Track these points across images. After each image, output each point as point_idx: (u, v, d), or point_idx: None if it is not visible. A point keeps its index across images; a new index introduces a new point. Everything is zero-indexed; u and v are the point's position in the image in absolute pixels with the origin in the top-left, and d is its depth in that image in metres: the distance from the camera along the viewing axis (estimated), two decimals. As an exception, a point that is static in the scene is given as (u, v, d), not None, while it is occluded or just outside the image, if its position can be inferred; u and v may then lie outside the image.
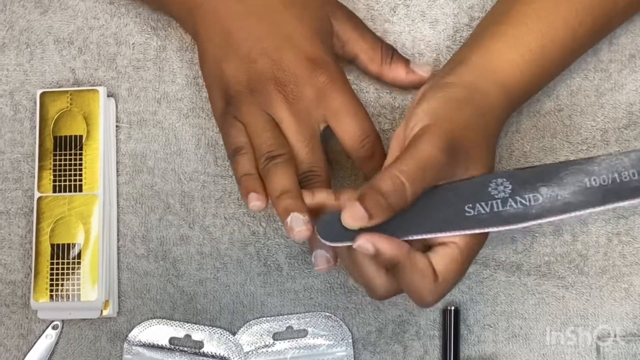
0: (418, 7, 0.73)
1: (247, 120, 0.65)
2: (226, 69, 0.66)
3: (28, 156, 0.73)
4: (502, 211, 0.58)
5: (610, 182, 0.58)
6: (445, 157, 0.58)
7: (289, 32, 0.66)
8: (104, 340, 0.72)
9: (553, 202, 0.58)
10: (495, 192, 0.59)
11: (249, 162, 0.64)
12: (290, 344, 0.71)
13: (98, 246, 0.70)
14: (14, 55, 0.75)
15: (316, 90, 0.65)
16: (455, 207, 0.59)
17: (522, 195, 0.59)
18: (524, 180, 0.59)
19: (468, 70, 0.63)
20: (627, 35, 0.72)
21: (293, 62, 0.65)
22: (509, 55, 0.63)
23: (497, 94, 0.62)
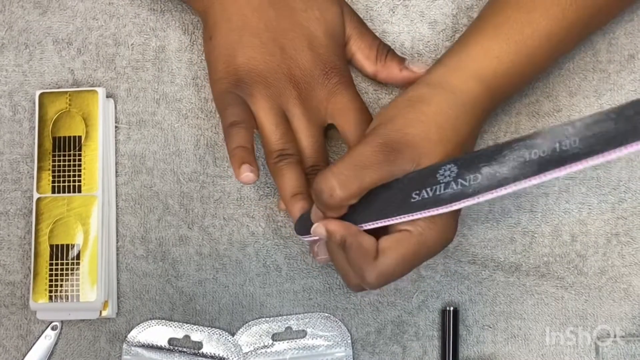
0: (417, 8, 0.73)
1: (260, 111, 0.66)
2: (240, 55, 0.66)
3: (27, 157, 0.73)
4: (442, 193, 0.58)
5: (550, 152, 0.55)
6: (381, 155, 0.60)
7: (309, 33, 0.67)
8: (103, 341, 0.72)
9: (490, 179, 0.57)
10: (442, 178, 0.59)
11: (246, 136, 0.65)
12: (290, 344, 0.71)
13: (97, 247, 0.70)
14: (13, 56, 0.75)
15: (327, 91, 0.67)
16: (403, 195, 0.60)
17: (464, 177, 0.58)
18: (469, 162, 0.58)
19: (441, 67, 0.64)
20: (626, 35, 0.72)
21: (310, 65, 0.67)
22: (486, 45, 0.63)
23: (469, 87, 0.62)
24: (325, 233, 0.61)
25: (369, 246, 0.60)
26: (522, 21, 0.63)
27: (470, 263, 0.71)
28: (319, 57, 0.67)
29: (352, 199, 0.60)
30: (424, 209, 0.59)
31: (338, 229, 0.61)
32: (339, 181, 0.60)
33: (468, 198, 0.57)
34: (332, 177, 0.60)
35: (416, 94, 0.63)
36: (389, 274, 0.61)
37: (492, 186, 0.56)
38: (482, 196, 0.56)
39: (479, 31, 0.64)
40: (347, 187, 0.60)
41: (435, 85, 0.63)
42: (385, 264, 0.60)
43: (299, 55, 0.67)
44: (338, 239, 0.61)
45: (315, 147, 0.67)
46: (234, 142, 0.65)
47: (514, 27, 0.63)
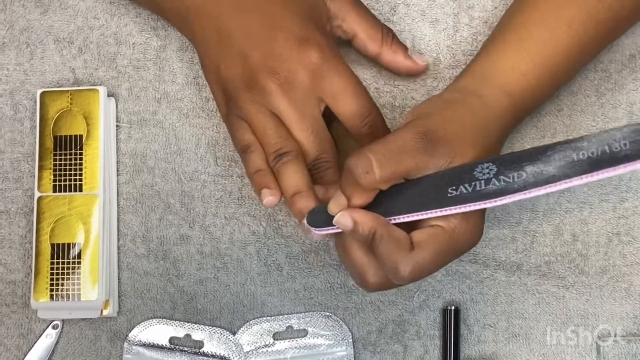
0: (418, 7, 0.73)
1: (250, 119, 0.65)
2: (223, 69, 0.66)
3: (28, 156, 0.73)
4: (483, 189, 0.57)
5: (600, 153, 0.55)
6: (420, 143, 0.59)
7: (278, 20, 0.65)
8: (104, 340, 0.72)
9: (537, 176, 0.56)
10: (480, 175, 0.58)
11: (259, 159, 0.65)
12: (291, 343, 0.71)
13: (98, 246, 0.70)
14: (14, 54, 0.75)
15: (310, 72, 0.65)
16: (438, 189, 0.59)
17: (506, 174, 0.57)
18: (510, 162, 0.58)
19: (468, 77, 0.64)
20: (627, 35, 0.72)
21: (283, 46, 0.65)
22: (511, 60, 0.63)
23: (496, 97, 0.63)
24: (351, 224, 0.59)
25: (403, 238, 0.58)
26: (545, 39, 0.63)
27: (472, 262, 0.71)
28: (291, 37, 0.65)
29: (385, 182, 0.58)
30: (461, 203, 0.58)
31: (366, 219, 0.58)
32: (377, 159, 0.57)
33: (515, 193, 0.56)
34: (370, 154, 0.58)
35: (451, 96, 0.63)
36: (425, 268, 0.59)
37: (540, 182, 0.56)
38: (530, 192, 0.56)
39: (503, 45, 0.64)
40: (384, 167, 0.58)
41: (468, 92, 0.63)
42: (421, 256, 0.58)
43: (270, 43, 0.65)
44: (367, 230, 0.58)
45: (312, 139, 0.65)
46: (250, 168, 0.65)
47: (538, 45, 0.63)
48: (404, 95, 0.73)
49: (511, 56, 0.64)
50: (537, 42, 0.63)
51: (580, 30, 0.64)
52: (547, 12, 0.64)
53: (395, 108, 0.72)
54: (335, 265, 0.72)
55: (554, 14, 0.64)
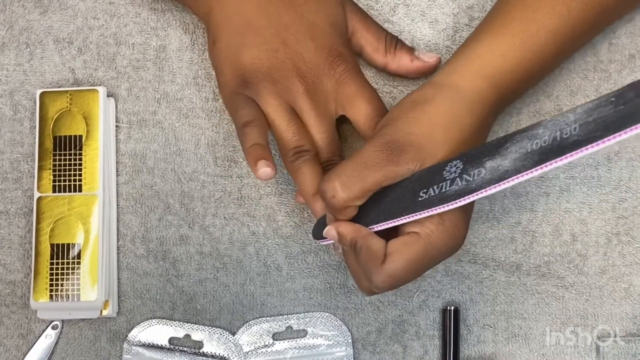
0: (418, 7, 0.73)
1: (270, 110, 0.66)
2: (245, 55, 0.66)
3: (28, 156, 0.73)
4: (447, 190, 0.57)
5: (550, 141, 0.53)
6: (383, 154, 0.60)
7: (310, 24, 0.67)
8: (104, 340, 0.72)
9: (493, 172, 0.55)
10: (448, 174, 0.58)
11: (259, 134, 0.65)
12: (290, 344, 0.71)
13: (98, 246, 0.70)
14: (13, 55, 0.75)
15: (334, 81, 0.67)
16: (411, 194, 0.59)
17: (468, 172, 0.57)
18: (474, 158, 0.57)
19: (448, 67, 0.64)
20: (626, 35, 0.72)
21: (315, 55, 0.66)
22: (492, 44, 0.63)
23: (475, 85, 0.62)
24: (337, 235, 0.62)
25: (378, 249, 0.60)
26: (527, 19, 0.63)
27: (471, 262, 0.71)
28: (322, 47, 0.67)
29: (355, 200, 0.60)
30: (431, 206, 0.58)
31: (348, 231, 0.61)
32: (341, 182, 0.60)
33: (472, 193, 0.56)
34: (335, 178, 0.60)
35: (420, 94, 0.63)
36: (397, 278, 0.60)
37: (494, 180, 0.55)
38: (485, 191, 0.55)
39: (484, 31, 0.64)
40: (349, 187, 0.60)
41: (440, 85, 0.63)
42: (392, 267, 0.59)
43: (302, 48, 0.66)
44: (348, 241, 0.61)
45: (327, 141, 0.67)
46: (249, 140, 0.65)
47: (519, 25, 0.63)
48: (404, 96, 0.73)
49: (491, 39, 0.63)
50: (518, 23, 0.63)
51: (564, 11, 0.63)
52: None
53: (394, 108, 0.72)
54: (335, 265, 0.72)
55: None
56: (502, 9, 0.65)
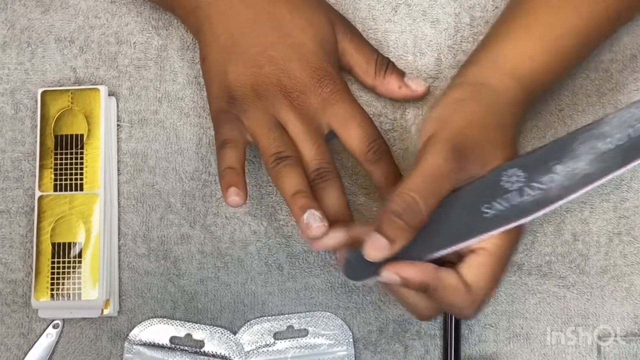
0: (419, 7, 0.74)
1: (253, 122, 0.65)
2: (231, 72, 0.66)
3: (29, 155, 0.73)
4: (520, 202, 0.55)
5: (626, 139, 0.53)
6: (453, 162, 0.58)
7: (296, 43, 0.66)
8: (105, 340, 0.72)
9: (571, 177, 0.54)
10: (509, 185, 0.56)
11: (233, 156, 0.64)
12: (291, 343, 0.71)
13: (99, 245, 0.70)
14: (15, 54, 0.75)
15: (321, 99, 0.66)
16: (471, 211, 0.57)
17: (537, 180, 0.55)
18: (536, 164, 0.56)
19: (476, 67, 0.63)
20: (628, 35, 0.72)
21: (300, 72, 0.66)
22: (519, 45, 0.63)
23: (507, 85, 0.62)
24: (400, 280, 0.57)
25: (455, 283, 0.57)
26: (553, 22, 0.63)
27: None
28: (308, 66, 0.66)
29: (430, 215, 0.57)
30: (503, 223, 0.56)
31: (414, 274, 0.57)
32: (422, 196, 0.56)
33: (555, 202, 0.54)
34: (413, 194, 0.56)
35: (462, 94, 0.62)
36: (487, 298, 0.59)
37: (579, 185, 0.54)
38: (569, 197, 0.54)
39: (509, 32, 0.64)
40: (429, 201, 0.56)
41: (476, 85, 0.62)
42: (481, 293, 0.58)
43: (287, 65, 0.66)
44: (417, 283, 0.57)
45: (316, 150, 0.65)
46: (223, 163, 0.64)
47: (545, 28, 0.63)
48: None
49: (518, 41, 0.63)
50: (544, 26, 0.63)
51: (587, 12, 0.63)
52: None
53: (397, 108, 0.72)
54: (336, 265, 0.72)
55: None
56: (526, 8, 0.64)
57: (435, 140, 0.59)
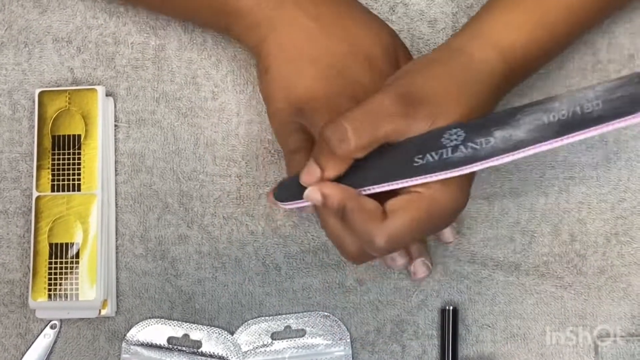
0: (417, 6, 0.73)
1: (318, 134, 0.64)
2: (300, 86, 0.65)
3: (26, 155, 0.73)
4: (450, 157, 0.56)
5: (571, 114, 0.53)
6: (398, 106, 0.58)
7: (367, 54, 0.66)
8: (102, 340, 0.72)
9: (505, 142, 0.54)
10: (448, 141, 0.56)
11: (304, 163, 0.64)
12: (289, 343, 0.71)
13: (96, 245, 0.70)
14: (12, 54, 0.75)
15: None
16: (405, 158, 0.57)
17: (473, 140, 0.55)
18: (479, 127, 0.56)
19: (459, 35, 0.63)
20: (625, 35, 0.72)
21: (372, 85, 0.64)
22: (505, 17, 0.62)
23: (487, 55, 0.61)
24: (321, 198, 0.58)
25: (374, 208, 0.57)
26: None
27: (470, 262, 0.71)
28: (379, 78, 0.65)
29: (361, 150, 0.58)
30: (431, 172, 0.56)
31: (335, 192, 0.58)
32: (353, 127, 0.57)
33: (481, 161, 0.54)
34: (345, 122, 0.57)
35: (436, 55, 0.62)
36: (401, 236, 0.58)
37: (508, 149, 0.54)
38: (497, 159, 0.54)
39: (498, 4, 0.64)
40: (360, 134, 0.57)
41: (454, 50, 0.62)
42: (396, 225, 0.57)
43: (359, 77, 0.65)
44: (336, 203, 0.58)
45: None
46: (292, 170, 0.64)
47: (534, 1, 0.62)
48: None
49: (506, 12, 0.63)
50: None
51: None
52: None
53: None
54: (333, 265, 0.72)
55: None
56: None
57: (389, 84, 0.60)
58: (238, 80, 0.73)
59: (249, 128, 0.73)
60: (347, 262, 0.64)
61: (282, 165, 0.72)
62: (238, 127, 0.73)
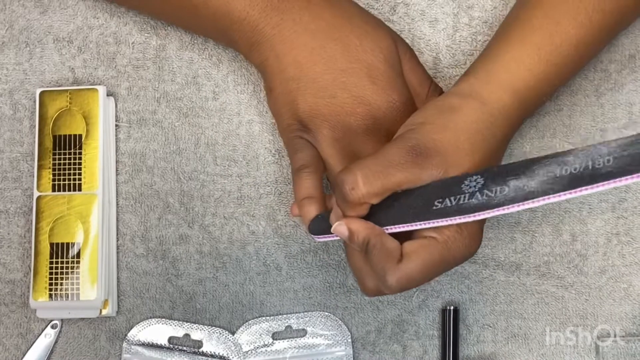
0: (418, 6, 0.73)
1: (327, 156, 0.65)
2: (301, 102, 0.65)
3: (27, 155, 0.73)
4: (466, 203, 0.57)
5: (582, 169, 0.54)
6: (409, 156, 0.59)
7: (367, 66, 0.66)
8: (103, 340, 0.72)
9: (517, 191, 0.55)
10: (467, 188, 0.58)
11: (312, 183, 0.65)
12: (290, 343, 0.71)
13: (97, 245, 0.70)
14: (13, 54, 0.75)
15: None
16: (425, 202, 0.59)
17: (490, 188, 0.57)
18: (497, 175, 0.57)
19: (469, 78, 0.63)
20: (626, 35, 0.72)
21: (374, 97, 0.65)
22: (516, 55, 0.62)
23: (498, 96, 0.62)
24: (347, 232, 0.60)
25: (393, 248, 0.59)
26: (550, 31, 0.62)
27: (471, 262, 0.71)
28: (382, 89, 0.66)
29: (373, 197, 0.59)
30: (446, 216, 0.57)
31: (361, 228, 0.60)
32: (363, 175, 0.58)
33: (493, 209, 0.56)
34: (356, 170, 0.59)
35: (446, 103, 0.62)
36: (412, 279, 0.59)
37: (518, 198, 0.55)
38: (507, 208, 0.55)
39: (507, 42, 0.64)
40: (370, 182, 0.58)
41: (465, 96, 0.62)
42: (409, 267, 0.59)
43: (361, 91, 0.65)
44: (361, 239, 0.60)
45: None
46: (301, 192, 0.65)
47: (543, 38, 0.62)
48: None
49: (515, 51, 0.63)
50: (542, 35, 0.62)
51: (586, 21, 0.63)
52: (551, 6, 0.63)
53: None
54: (334, 265, 0.72)
55: (559, 8, 0.63)
56: (522, 18, 0.64)
57: (400, 136, 0.61)
58: (239, 80, 0.73)
59: (250, 128, 0.73)
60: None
61: (283, 165, 0.72)
62: (239, 127, 0.73)
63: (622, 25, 0.67)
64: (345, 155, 0.65)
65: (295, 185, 0.66)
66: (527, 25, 0.63)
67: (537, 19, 0.63)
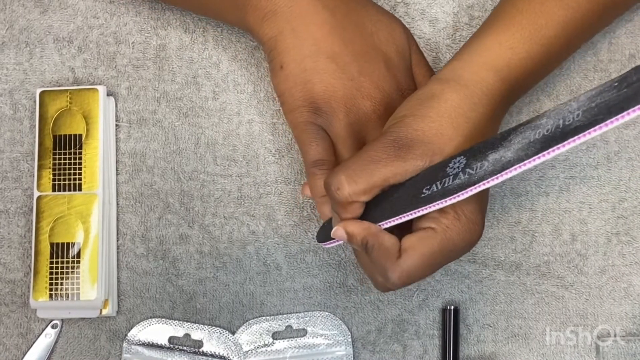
0: (418, 6, 0.73)
1: (338, 140, 0.65)
2: (318, 82, 0.64)
3: (27, 155, 0.73)
4: (450, 184, 0.56)
5: (553, 129, 0.53)
6: (391, 150, 0.59)
7: (383, 55, 0.65)
8: (103, 340, 0.72)
9: (495, 164, 0.55)
10: (451, 170, 0.57)
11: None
12: (290, 343, 0.71)
13: (97, 245, 0.70)
14: (13, 54, 0.75)
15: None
16: (414, 191, 0.58)
17: (470, 166, 0.56)
18: (477, 152, 0.57)
19: (453, 62, 0.63)
20: (626, 35, 0.72)
21: (389, 86, 0.65)
22: (500, 36, 0.62)
23: (480, 76, 0.61)
24: (346, 235, 0.60)
25: (391, 245, 0.59)
26: (535, 11, 0.62)
27: (471, 262, 0.71)
28: (395, 79, 0.65)
29: (361, 195, 0.59)
30: (433, 201, 0.57)
31: (358, 230, 0.60)
32: (347, 175, 0.59)
33: (474, 185, 0.55)
34: (340, 171, 0.59)
35: (427, 91, 0.62)
36: (413, 273, 0.59)
37: (496, 171, 0.54)
38: (487, 182, 0.54)
39: (492, 24, 0.64)
40: (355, 181, 0.59)
41: (447, 80, 0.62)
42: (408, 263, 0.59)
43: (377, 78, 0.65)
44: (359, 240, 0.60)
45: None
46: (318, 191, 0.65)
47: (527, 18, 0.62)
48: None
49: (499, 32, 0.62)
50: (527, 15, 0.62)
51: (573, 3, 0.62)
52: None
53: (394, 107, 0.72)
54: (334, 264, 0.72)
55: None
56: (508, 2, 0.64)
57: (383, 132, 0.61)
58: (239, 80, 0.74)
59: (250, 128, 0.73)
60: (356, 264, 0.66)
61: (283, 165, 0.72)
62: (239, 126, 0.73)
63: (612, 9, 0.66)
64: (355, 141, 0.65)
65: (312, 184, 0.65)
66: (513, 9, 0.63)
67: (523, 2, 0.63)
